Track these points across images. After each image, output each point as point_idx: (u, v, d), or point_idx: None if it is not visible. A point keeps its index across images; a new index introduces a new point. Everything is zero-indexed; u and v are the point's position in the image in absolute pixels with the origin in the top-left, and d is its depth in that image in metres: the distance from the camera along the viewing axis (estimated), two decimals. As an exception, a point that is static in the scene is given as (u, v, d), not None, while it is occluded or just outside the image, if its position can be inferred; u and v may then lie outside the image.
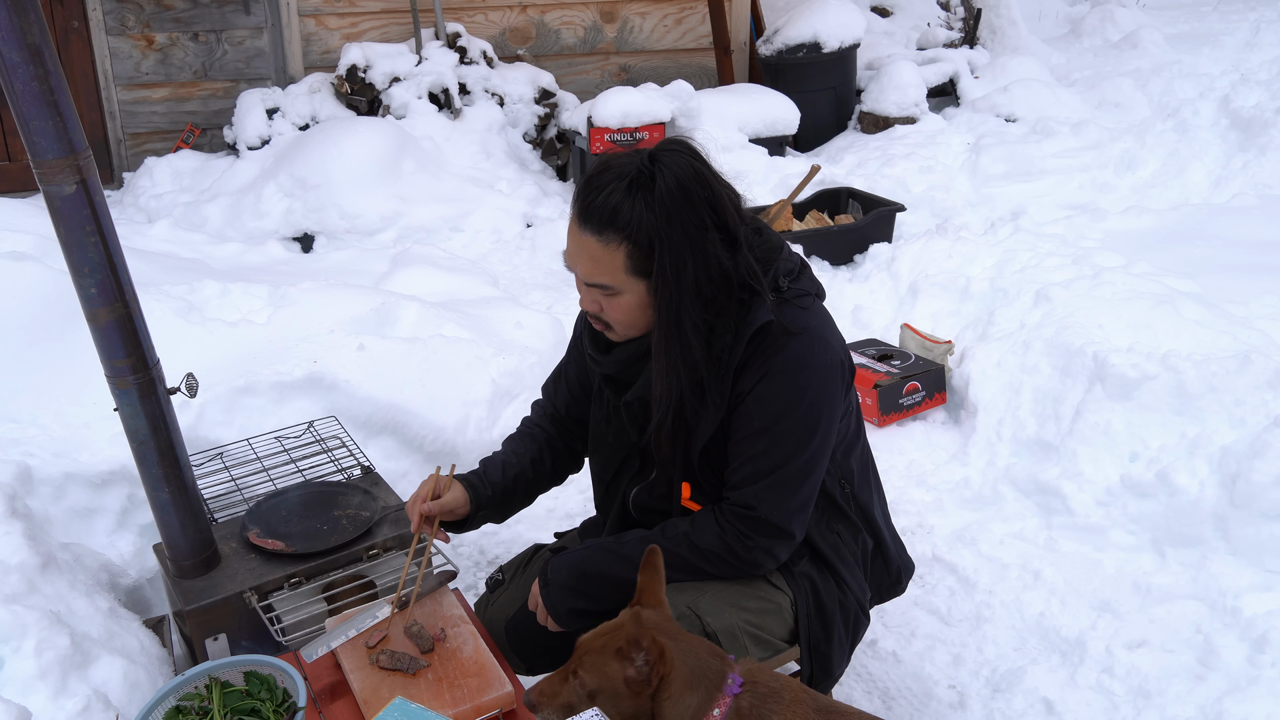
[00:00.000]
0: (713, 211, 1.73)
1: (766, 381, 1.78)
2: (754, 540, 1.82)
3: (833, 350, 1.83)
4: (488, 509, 2.06)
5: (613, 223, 1.72)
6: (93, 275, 1.89)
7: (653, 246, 1.72)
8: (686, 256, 1.72)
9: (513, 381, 3.37)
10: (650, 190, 1.71)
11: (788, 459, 1.80)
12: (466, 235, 5.37)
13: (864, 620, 2.05)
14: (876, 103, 6.65)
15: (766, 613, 1.91)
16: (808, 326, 1.80)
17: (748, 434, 1.81)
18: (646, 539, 1.88)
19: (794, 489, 1.82)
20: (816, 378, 1.80)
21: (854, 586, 1.99)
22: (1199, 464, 2.81)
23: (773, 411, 1.78)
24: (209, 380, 2.79)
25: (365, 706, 1.73)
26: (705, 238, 1.72)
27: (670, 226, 1.70)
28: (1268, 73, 6.15)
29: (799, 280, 1.87)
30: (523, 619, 2.08)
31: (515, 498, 2.11)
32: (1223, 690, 2.31)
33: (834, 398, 1.83)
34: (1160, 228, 4.50)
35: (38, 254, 3.21)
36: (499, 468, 2.09)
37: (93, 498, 2.65)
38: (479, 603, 2.23)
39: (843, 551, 1.99)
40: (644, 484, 2.00)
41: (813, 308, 1.85)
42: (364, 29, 6.28)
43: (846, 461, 1.97)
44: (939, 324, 3.93)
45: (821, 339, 1.82)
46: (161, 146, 6.13)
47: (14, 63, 1.70)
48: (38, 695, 1.91)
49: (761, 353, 1.79)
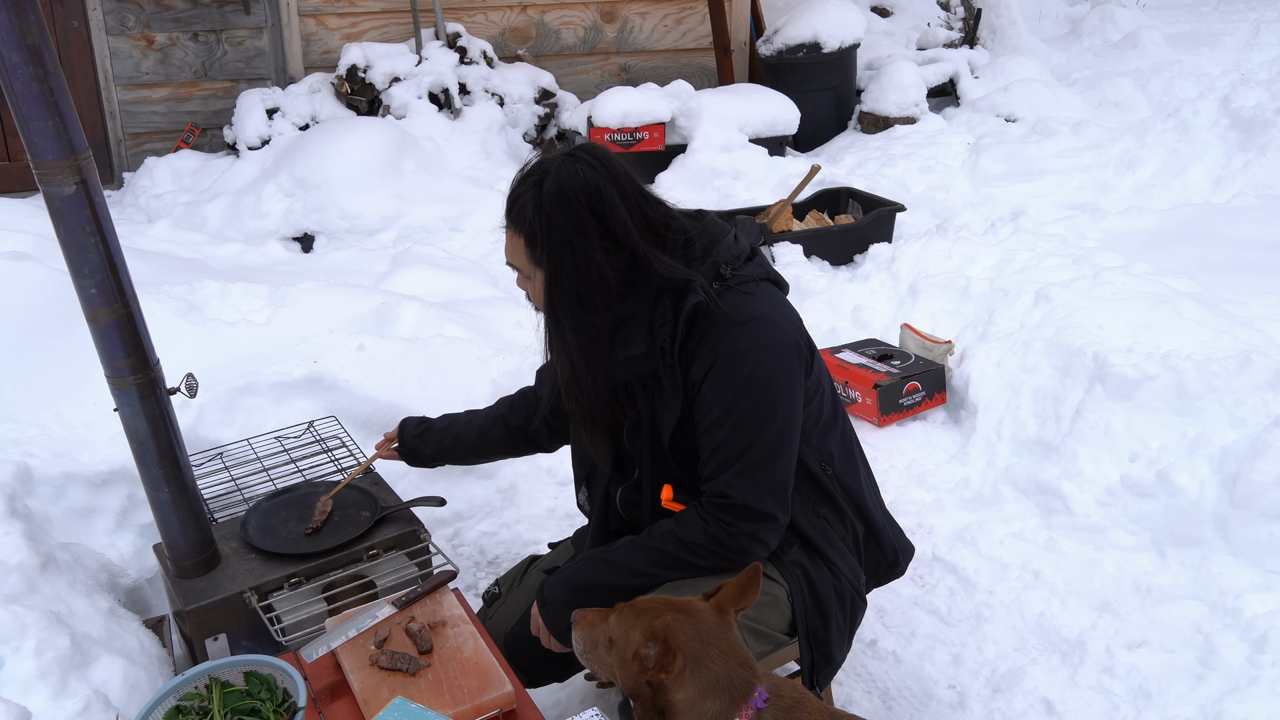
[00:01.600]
0: (597, 220, 1.79)
1: (716, 369, 1.82)
2: (737, 527, 1.84)
3: (782, 330, 1.85)
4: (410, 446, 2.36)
5: (511, 212, 1.87)
6: (93, 275, 1.89)
7: (535, 242, 1.82)
8: (564, 257, 1.80)
9: (513, 381, 3.36)
10: (540, 190, 1.80)
11: (752, 441, 1.82)
12: (466, 235, 5.37)
13: (860, 604, 2.05)
14: (876, 103, 6.65)
15: (763, 605, 1.92)
16: (754, 312, 1.83)
17: (709, 424, 1.84)
18: (634, 543, 1.91)
19: (765, 470, 1.84)
20: (767, 358, 1.82)
21: (846, 571, 2.00)
22: (1199, 464, 2.81)
23: (728, 397, 1.82)
24: (209, 380, 2.79)
25: (365, 706, 1.73)
26: (584, 243, 1.79)
27: (549, 227, 1.80)
28: (1268, 73, 6.15)
29: (745, 267, 1.89)
30: (521, 633, 2.09)
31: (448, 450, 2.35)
32: (1223, 690, 2.31)
33: (789, 376, 1.85)
34: (1160, 228, 4.50)
35: (38, 254, 3.21)
36: (446, 420, 2.36)
37: (93, 498, 2.65)
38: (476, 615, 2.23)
39: (831, 536, 2.00)
40: (628, 483, 2.03)
41: (758, 292, 1.87)
42: (364, 29, 6.28)
43: (825, 443, 1.98)
44: (939, 324, 3.93)
45: (769, 321, 1.84)
46: (161, 146, 6.13)
47: (14, 63, 1.70)
48: (38, 695, 1.91)
49: (707, 340, 1.83)
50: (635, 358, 1.85)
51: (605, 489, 2.08)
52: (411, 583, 2.22)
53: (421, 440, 2.35)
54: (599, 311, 1.83)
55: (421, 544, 2.30)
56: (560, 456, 3.37)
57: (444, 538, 3.04)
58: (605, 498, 2.09)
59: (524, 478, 3.26)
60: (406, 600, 1.96)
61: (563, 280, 1.82)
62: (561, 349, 1.88)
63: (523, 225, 1.83)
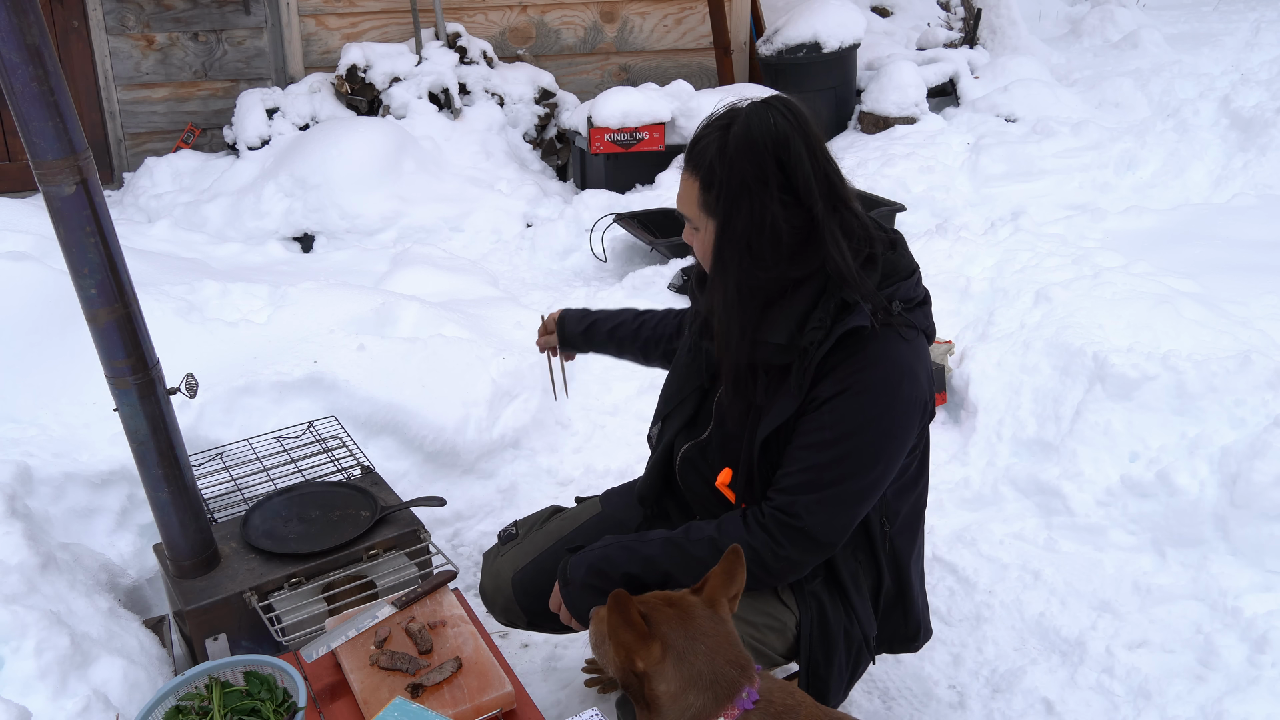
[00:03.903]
0: (780, 170, 1.73)
1: (848, 396, 1.76)
2: (785, 551, 1.79)
3: (920, 387, 1.81)
4: (572, 329, 2.38)
5: (692, 157, 1.80)
6: (93, 276, 1.89)
7: (712, 186, 1.77)
8: (740, 202, 1.74)
9: (513, 381, 3.37)
10: (727, 134, 1.75)
11: (848, 478, 1.77)
12: (466, 235, 5.37)
13: (866, 655, 2.01)
14: (876, 103, 6.65)
15: (770, 629, 1.90)
16: (902, 358, 1.78)
17: (815, 442, 1.78)
18: (669, 541, 1.86)
19: (846, 509, 1.80)
20: (898, 408, 1.77)
21: (862, 617, 1.97)
22: (1199, 464, 2.81)
23: (846, 427, 1.76)
24: (209, 380, 2.79)
25: (365, 706, 1.73)
26: (764, 192, 1.73)
27: (730, 171, 1.74)
28: (1268, 73, 6.15)
29: (913, 312, 1.85)
30: (530, 574, 2.09)
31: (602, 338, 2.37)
32: (1223, 690, 2.31)
33: (907, 432, 1.81)
34: (1160, 228, 4.50)
35: (38, 254, 3.21)
36: (607, 313, 2.40)
37: (92, 498, 2.65)
38: (488, 553, 2.23)
39: (860, 582, 1.97)
40: (695, 440, 1.98)
41: (915, 341, 1.83)
42: (364, 29, 6.28)
43: (897, 502, 1.94)
44: (939, 324, 3.92)
45: (913, 373, 1.79)
46: (161, 146, 6.14)
47: (13, 63, 1.69)
48: (38, 695, 1.91)
49: (850, 364, 1.77)
50: (776, 346, 1.80)
51: (672, 439, 2.03)
52: (411, 583, 2.22)
53: (585, 338, 2.39)
54: (767, 266, 1.77)
55: (421, 544, 2.30)
56: (560, 457, 3.38)
57: (444, 538, 3.04)
58: (669, 449, 2.04)
59: (524, 478, 3.26)
60: (406, 600, 1.96)
61: (736, 226, 1.75)
62: (720, 298, 1.82)
63: (700, 168, 1.77)
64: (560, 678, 2.53)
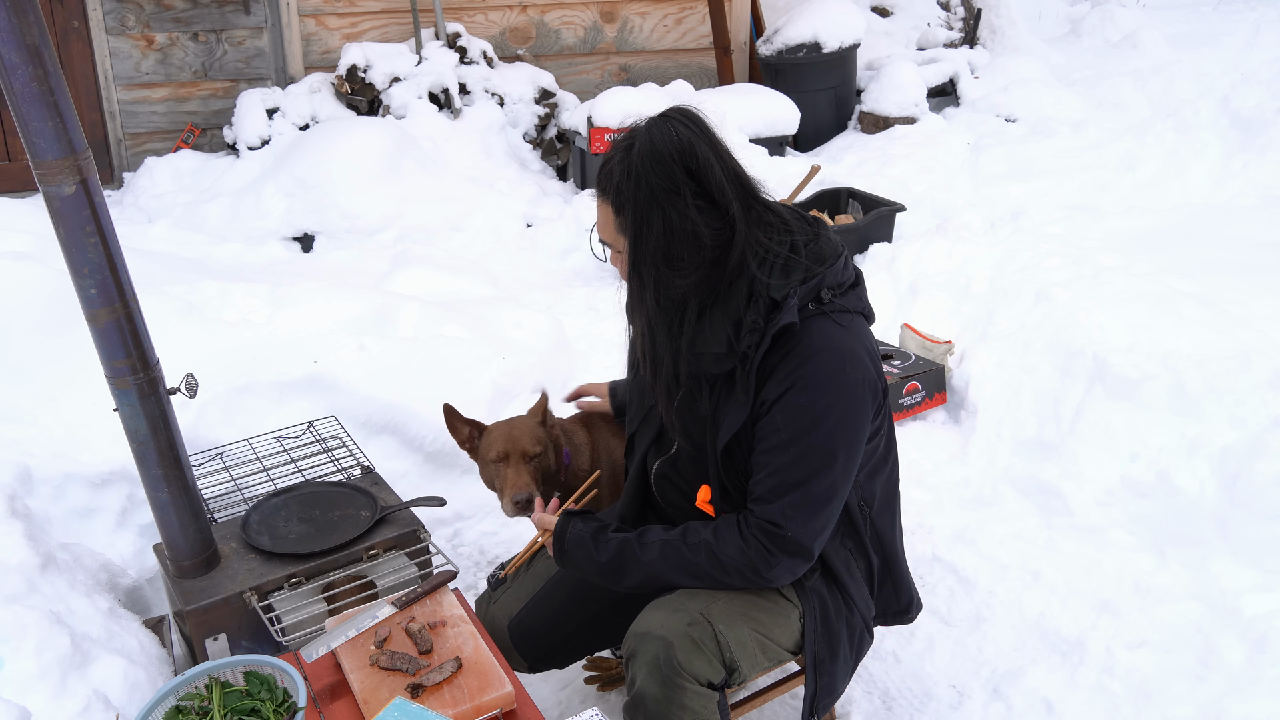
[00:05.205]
0: (690, 177, 1.74)
1: (794, 394, 1.76)
2: (777, 558, 1.81)
3: (865, 368, 1.81)
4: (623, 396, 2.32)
5: (600, 183, 1.82)
6: (92, 276, 1.89)
7: (624, 207, 1.77)
8: (652, 214, 1.75)
9: (513, 381, 3.37)
10: (630, 153, 1.76)
11: (813, 475, 1.78)
12: (466, 235, 5.37)
13: (868, 638, 2.04)
14: (876, 103, 6.65)
15: (776, 625, 1.91)
16: (841, 344, 1.78)
17: (774, 445, 1.79)
18: (668, 544, 1.87)
19: (819, 508, 1.81)
20: (845, 395, 1.78)
21: (860, 604, 1.99)
22: (1199, 464, 2.81)
23: (800, 424, 1.77)
24: (209, 380, 2.79)
25: (365, 706, 1.73)
26: (677, 200, 1.73)
27: (638, 188, 1.74)
28: (1268, 73, 6.14)
29: (845, 296, 1.85)
30: (526, 618, 2.09)
31: None
32: (1223, 690, 2.31)
33: (862, 417, 1.81)
34: (1160, 228, 4.50)
35: (38, 254, 3.21)
36: None
37: (92, 498, 2.65)
38: (480, 600, 2.23)
39: (853, 569, 1.98)
40: (666, 457, 2.00)
41: (851, 325, 1.83)
42: (364, 29, 6.28)
43: (870, 484, 1.96)
44: (939, 324, 3.93)
45: (855, 355, 1.79)
46: (161, 146, 6.13)
47: (13, 63, 1.69)
48: (38, 695, 1.91)
49: (788, 361, 1.77)
50: (715, 355, 1.80)
51: (644, 456, 2.05)
52: (411, 583, 2.22)
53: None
54: (687, 272, 1.77)
55: (421, 544, 2.30)
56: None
57: (444, 538, 3.04)
58: (643, 465, 2.06)
59: (524, 478, 3.26)
60: (406, 600, 1.96)
61: (649, 238, 1.75)
62: (642, 315, 1.83)
63: (609, 191, 1.79)
64: (560, 678, 2.53)
